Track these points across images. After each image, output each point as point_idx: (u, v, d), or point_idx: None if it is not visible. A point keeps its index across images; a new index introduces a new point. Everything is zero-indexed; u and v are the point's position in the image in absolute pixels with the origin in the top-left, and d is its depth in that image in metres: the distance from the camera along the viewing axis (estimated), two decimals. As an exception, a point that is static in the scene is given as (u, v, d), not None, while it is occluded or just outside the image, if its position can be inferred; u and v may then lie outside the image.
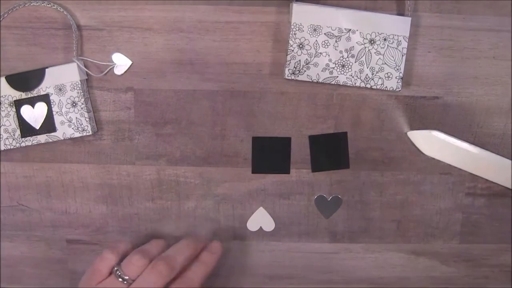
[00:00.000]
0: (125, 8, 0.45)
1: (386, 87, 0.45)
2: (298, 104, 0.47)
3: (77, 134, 0.46)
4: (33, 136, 0.46)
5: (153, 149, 0.48)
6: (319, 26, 0.43)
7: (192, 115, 0.47)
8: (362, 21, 0.43)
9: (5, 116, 0.46)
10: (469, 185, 0.48)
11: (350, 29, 0.43)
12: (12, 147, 0.46)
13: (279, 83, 0.46)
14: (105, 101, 0.47)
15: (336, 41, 0.44)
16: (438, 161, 0.47)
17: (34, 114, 0.46)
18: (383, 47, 0.44)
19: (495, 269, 0.50)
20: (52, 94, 0.45)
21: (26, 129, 0.46)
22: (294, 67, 0.44)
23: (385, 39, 0.44)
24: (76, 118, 0.46)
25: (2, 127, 0.46)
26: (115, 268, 0.41)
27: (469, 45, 0.46)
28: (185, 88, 0.47)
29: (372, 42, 0.44)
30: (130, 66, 0.46)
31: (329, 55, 0.44)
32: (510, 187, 0.47)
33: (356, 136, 0.47)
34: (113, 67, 0.46)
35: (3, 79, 0.45)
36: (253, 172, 0.48)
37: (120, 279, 0.41)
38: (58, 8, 0.45)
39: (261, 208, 0.48)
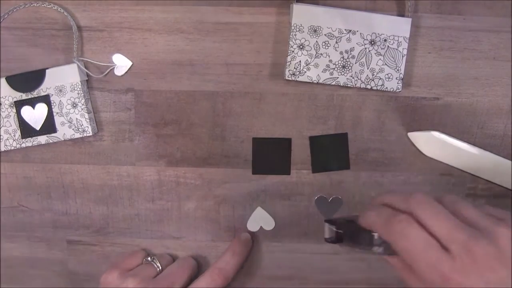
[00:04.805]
0: (125, 9, 0.45)
1: (387, 88, 0.45)
2: (298, 105, 0.47)
3: (77, 135, 0.46)
4: (34, 137, 0.46)
5: (154, 150, 0.48)
6: (319, 27, 0.43)
7: (192, 116, 0.47)
8: (362, 22, 0.43)
9: (5, 117, 0.46)
10: (470, 186, 0.48)
11: (351, 30, 0.43)
12: (12, 148, 0.46)
13: (279, 84, 0.46)
14: (105, 102, 0.47)
15: (336, 42, 0.44)
16: (439, 162, 0.47)
17: (35, 115, 0.46)
18: (384, 48, 0.44)
19: (495, 270, 0.50)
20: (52, 95, 0.45)
21: (26, 130, 0.46)
22: (295, 68, 0.44)
23: (385, 40, 0.44)
24: (77, 119, 0.46)
25: (3, 128, 0.46)
26: (150, 257, 0.47)
27: (470, 46, 0.46)
28: (186, 89, 0.47)
29: (372, 43, 0.44)
30: (131, 67, 0.46)
31: (329, 56, 0.44)
32: (510, 188, 0.47)
33: (357, 137, 0.47)
34: (114, 68, 0.46)
35: (3, 80, 0.45)
36: (253, 173, 0.48)
37: (154, 265, 0.46)
38: (59, 9, 0.45)
39: (259, 208, 0.48)
